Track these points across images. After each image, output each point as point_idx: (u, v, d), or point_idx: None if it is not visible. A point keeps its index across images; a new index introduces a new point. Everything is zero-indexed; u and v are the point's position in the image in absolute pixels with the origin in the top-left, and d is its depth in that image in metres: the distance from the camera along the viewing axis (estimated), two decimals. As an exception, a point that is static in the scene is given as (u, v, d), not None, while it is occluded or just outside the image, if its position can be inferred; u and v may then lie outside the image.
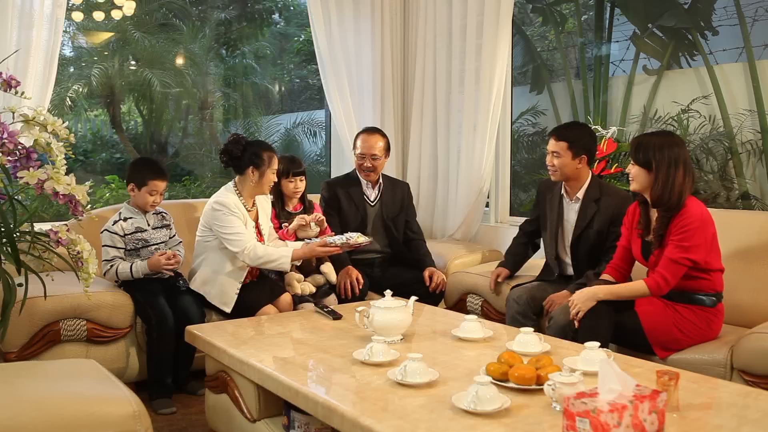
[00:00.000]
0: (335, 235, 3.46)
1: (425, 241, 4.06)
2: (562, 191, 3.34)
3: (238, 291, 3.30)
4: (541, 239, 3.54)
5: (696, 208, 2.69)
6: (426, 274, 3.75)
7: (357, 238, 3.33)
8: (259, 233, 3.44)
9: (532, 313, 3.18)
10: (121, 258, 3.28)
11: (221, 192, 3.38)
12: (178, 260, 3.28)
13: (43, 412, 1.89)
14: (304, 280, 3.52)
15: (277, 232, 3.58)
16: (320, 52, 4.69)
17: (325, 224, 3.62)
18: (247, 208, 3.38)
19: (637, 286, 2.76)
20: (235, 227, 3.26)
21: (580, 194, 3.27)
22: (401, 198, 3.98)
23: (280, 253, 3.27)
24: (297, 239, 3.55)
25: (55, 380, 2.16)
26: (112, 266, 3.24)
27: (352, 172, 3.95)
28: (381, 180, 3.93)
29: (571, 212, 3.31)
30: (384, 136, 3.89)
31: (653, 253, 2.79)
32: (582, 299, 2.76)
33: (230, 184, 3.40)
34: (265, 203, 3.52)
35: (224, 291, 3.30)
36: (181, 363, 3.29)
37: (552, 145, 3.25)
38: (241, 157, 3.32)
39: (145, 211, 3.37)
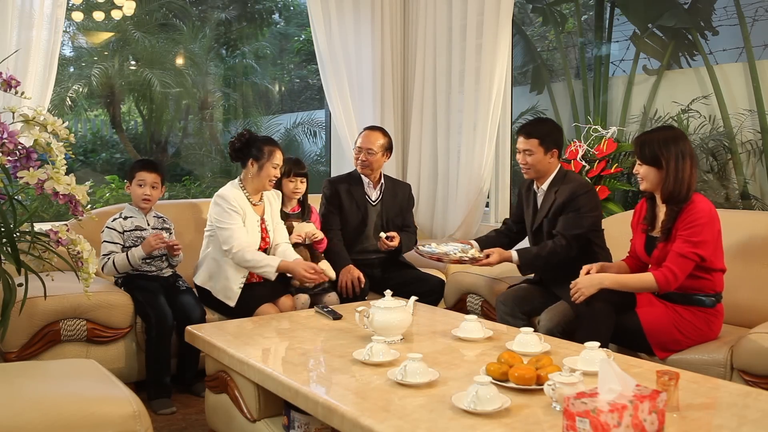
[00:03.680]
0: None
1: (415, 235, 4.00)
2: (534, 186, 3.38)
3: (241, 286, 3.31)
4: (522, 235, 3.58)
5: (704, 205, 2.68)
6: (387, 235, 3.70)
7: (475, 252, 3.20)
8: (264, 229, 3.44)
9: (520, 313, 3.19)
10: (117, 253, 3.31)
11: (226, 186, 3.42)
12: (171, 244, 3.33)
13: (43, 412, 1.88)
14: None
15: None
16: (320, 52, 4.69)
17: (320, 237, 3.60)
18: (252, 203, 3.40)
19: (644, 278, 2.74)
20: (228, 223, 3.27)
21: (545, 186, 3.30)
22: (402, 199, 3.97)
23: (267, 261, 3.24)
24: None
25: (55, 380, 2.16)
26: (109, 259, 3.26)
27: (354, 171, 3.95)
28: (383, 181, 3.93)
29: (539, 205, 3.35)
30: (386, 135, 3.88)
31: (657, 247, 2.78)
32: (586, 284, 2.76)
33: (237, 178, 3.45)
34: (273, 200, 3.53)
35: (228, 286, 3.31)
36: (187, 364, 3.29)
37: (522, 143, 3.26)
38: (242, 150, 3.37)
39: (141, 207, 3.39)
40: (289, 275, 3.36)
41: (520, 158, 3.28)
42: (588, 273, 2.85)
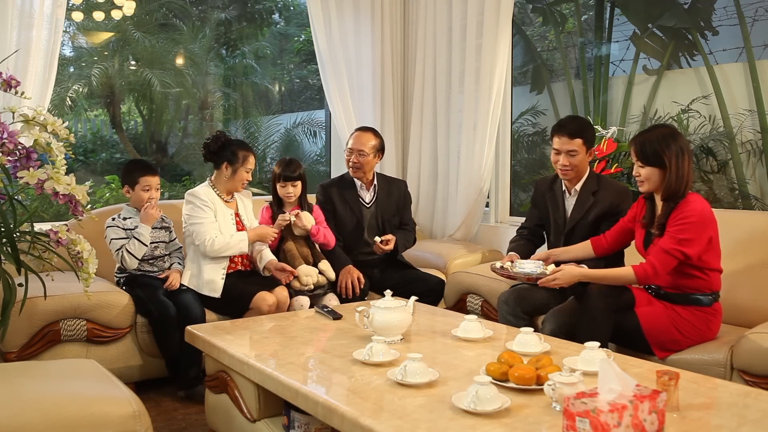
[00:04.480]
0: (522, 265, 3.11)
1: (414, 232, 4.00)
2: (563, 187, 3.31)
3: (224, 276, 3.37)
4: (545, 240, 3.51)
5: (698, 204, 2.68)
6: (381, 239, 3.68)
7: (546, 268, 3.02)
8: (240, 222, 3.52)
9: (522, 312, 3.16)
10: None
11: (198, 186, 3.53)
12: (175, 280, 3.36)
13: (43, 412, 1.89)
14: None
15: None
16: (320, 52, 4.69)
17: (303, 218, 3.51)
18: (224, 199, 3.49)
19: (623, 272, 2.75)
20: (200, 218, 3.36)
21: (578, 187, 3.24)
22: (398, 197, 3.95)
23: (238, 237, 3.39)
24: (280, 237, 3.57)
25: (55, 380, 2.16)
26: (123, 251, 3.28)
27: (346, 173, 3.92)
28: (376, 181, 3.91)
29: (569, 206, 3.30)
30: (377, 136, 3.85)
31: (653, 242, 2.78)
32: (567, 279, 2.82)
33: (208, 179, 3.56)
34: (245, 198, 3.64)
35: (211, 278, 3.36)
36: (195, 361, 3.24)
37: (566, 143, 3.11)
38: (218, 153, 3.47)
39: (149, 213, 3.39)
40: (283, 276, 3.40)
41: (562, 159, 3.14)
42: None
